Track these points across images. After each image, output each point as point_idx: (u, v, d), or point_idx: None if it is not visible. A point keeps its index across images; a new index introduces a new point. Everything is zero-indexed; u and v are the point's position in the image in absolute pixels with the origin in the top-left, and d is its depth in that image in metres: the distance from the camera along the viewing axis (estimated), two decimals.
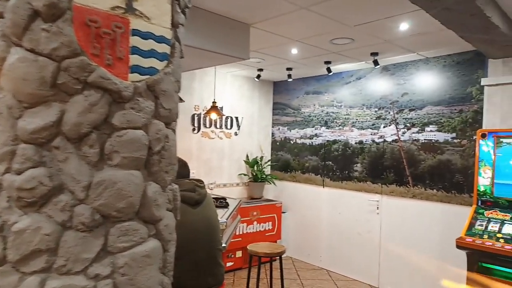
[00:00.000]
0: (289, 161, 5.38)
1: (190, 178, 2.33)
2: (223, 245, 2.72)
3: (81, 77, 0.74)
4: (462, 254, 2.93)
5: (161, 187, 0.89)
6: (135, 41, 0.81)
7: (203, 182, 2.32)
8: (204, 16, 2.84)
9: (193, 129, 4.81)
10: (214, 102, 3.90)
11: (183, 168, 2.36)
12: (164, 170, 0.89)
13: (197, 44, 2.86)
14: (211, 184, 4.87)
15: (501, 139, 3.00)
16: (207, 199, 2.31)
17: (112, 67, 0.77)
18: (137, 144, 0.80)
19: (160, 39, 0.87)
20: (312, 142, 5.08)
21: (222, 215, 3.03)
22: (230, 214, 3.14)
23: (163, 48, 0.88)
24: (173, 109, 0.91)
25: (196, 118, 4.81)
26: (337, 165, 4.74)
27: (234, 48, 3.09)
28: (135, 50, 0.82)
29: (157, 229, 0.87)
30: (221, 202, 3.40)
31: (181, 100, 2.96)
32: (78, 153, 0.75)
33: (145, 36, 0.84)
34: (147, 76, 0.83)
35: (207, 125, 4.93)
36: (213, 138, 5.01)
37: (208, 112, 3.89)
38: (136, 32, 0.81)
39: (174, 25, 0.91)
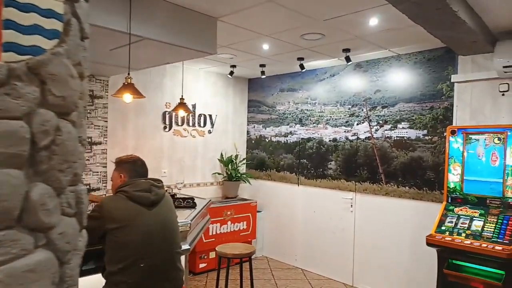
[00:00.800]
0: (264, 159, 5.28)
1: (148, 177, 2.21)
2: (186, 247, 2.60)
3: None
4: (435, 251, 2.90)
5: (54, 189, 0.76)
6: (9, 13, 0.68)
7: (161, 182, 2.20)
8: (167, 9, 2.70)
9: (164, 127, 4.64)
10: (181, 99, 3.75)
11: (140, 167, 2.24)
12: (58, 169, 0.75)
13: (161, 37, 2.72)
14: (179, 183, 4.71)
15: (470, 136, 2.98)
16: (165, 199, 2.19)
17: None
18: (14, 138, 0.67)
19: (47, 13, 0.73)
20: (287, 140, 5.00)
21: (187, 215, 2.90)
22: (196, 215, 3.00)
23: (52, 24, 0.74)
24: (68, 97, 0.77)
25: (167, 115, 4.64)
26: (311, 163, 4.67)
27: (201, 42, 2.96)
28: (10, 24, 0.68)
29: (48, 238, 0.74)
30: (188, 202, 3.26)
31: (141, 95, 2.79)
32: None
33: (25, 8, 0.70)
34: (29, 56, 0.70)
35: (179, 123, 4.77)
36: (185, 136, 4.85)
37: (175, 109, 3.74)
38: (10, 3, 0.68)
39: None
